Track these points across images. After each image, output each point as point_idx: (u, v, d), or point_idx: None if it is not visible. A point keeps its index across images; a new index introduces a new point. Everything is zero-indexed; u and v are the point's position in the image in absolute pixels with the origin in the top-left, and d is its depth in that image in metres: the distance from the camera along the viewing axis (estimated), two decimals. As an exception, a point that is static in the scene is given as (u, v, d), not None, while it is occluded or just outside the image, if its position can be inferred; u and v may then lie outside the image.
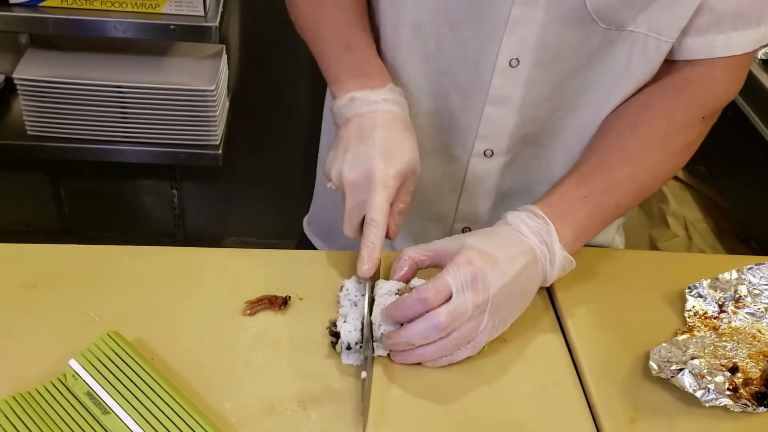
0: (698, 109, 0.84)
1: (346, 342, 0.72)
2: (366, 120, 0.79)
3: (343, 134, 0.80)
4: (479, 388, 0.73)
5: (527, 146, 0.89)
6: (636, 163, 0.83)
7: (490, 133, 0.87)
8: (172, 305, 0.78)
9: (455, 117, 0.87)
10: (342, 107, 0.81)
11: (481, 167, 0.90)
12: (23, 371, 0.69)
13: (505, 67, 0.81)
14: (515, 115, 0.85)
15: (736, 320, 0.80)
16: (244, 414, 0.67)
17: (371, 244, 0.76)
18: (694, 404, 0.71)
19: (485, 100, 0.84)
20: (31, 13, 1.48)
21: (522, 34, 0.79)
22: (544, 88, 0.83)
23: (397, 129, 0.79)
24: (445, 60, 0.84)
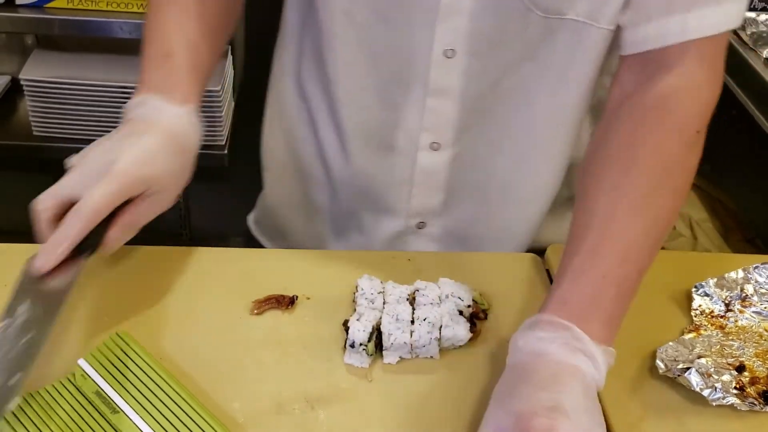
0: (689, 125, 0.76)
1: (352, 340, 0.72)
2: (142, 125, 0.74)
3: (114, 131, 0.74)
4: (486, 388, 0.73)
5: (475, 140, 0.88)
6: (644, 215, 0.71)
7: (434, 125, 0.86)
8: (179, 305, 0.78)
9: (399, 109, 0.86)
10: (133, 105, 0.76)
11: (429, 160, 0.89)
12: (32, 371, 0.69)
13: (441, 57, 0.80)
14: (457, 107, 0.84)
15: (743, 319, 0.81)
16: (252, 413, 0.68)
17: (62, 237, 0.66)
18: (701, 403, 0.71)
19: (425, 92, 0.83)
20: (37, 14, 1.48)
21: (454, 24, 0.77)
22: (483, 78, 0.82)
23: (172, 146, 0.74)
24: (381, 51, 0.82)
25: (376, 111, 0.87)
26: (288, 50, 0.93)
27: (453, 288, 0.78)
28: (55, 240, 0.66)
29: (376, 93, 0.86)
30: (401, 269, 0.84)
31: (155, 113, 0.75)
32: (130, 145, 0.71)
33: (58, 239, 0.65)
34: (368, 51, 0.83)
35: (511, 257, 0.90)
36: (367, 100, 0.87)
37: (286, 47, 0.94)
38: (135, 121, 0.75)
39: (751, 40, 1.44)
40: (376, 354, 0.74)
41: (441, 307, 0.76)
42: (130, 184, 0.69)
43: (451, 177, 0.91)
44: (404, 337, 0.73)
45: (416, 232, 0.96)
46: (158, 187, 0.72)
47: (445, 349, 0.75)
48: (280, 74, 0.96)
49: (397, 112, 0.86)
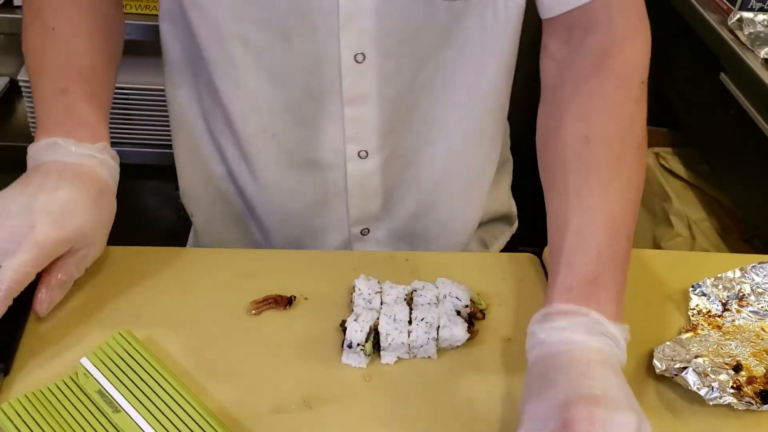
0: (633, 79, 0.75)
1: (349, 340, 0.73)
2: (54, 171, 0.70)
3: (24, 179, 0.70)
4: (484, 387, 0.73)
5: (402, 139, 0.86)
6: (618, 181, 0.72)
7: (357, 134, 0.83)
8: (178, 305, 0.78)
9: (317, 124, 0.83)
10: (38, 149, 0.72)
11: (360, 169, 0.86)
12: (35, 370, 0.70)
13: (352, 64, 0.77)
14: (377, 111, 0.81)
15: (740, 319, 0.81)
16: (250, 413, 0.68)
17: None
18: (698, 402, 0.71)
19: (341, 102, 0.80)
20: (35, 15, 1.48)
21: (359, 26, 0.75)
22: (399, 77, 0.80)
23: (90, 192, 0.70)
24: (286, 70, 0.79)
25: (293, 134, 0.84)
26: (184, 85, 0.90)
27: (451, 288, 0.78)
28: None
29: (288, 115, 0.83)
30: (398, 269, 0.85)
31: (65, 157, 0.70)
32: (46, 202, 0.67)
33: None
34: (271, 72, 0.79)
35: (509, 257, 0.90)
36: (279, 125, 0.83)
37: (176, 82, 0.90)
38: (44, 168, 0.70)
39: (749, 40, 1.45)
40: (374, 354, 0.74)
41: (439, 307, 0.76)
42: (52, 250, 0.67)
43: (385, 180, 0.88)
44: (402, 338, 0.73)
45: (361, 239, 0.94)
46: (84, 242, 0.70)
47: (443, 349, 0.76)
48: (180, 114, 0.93)
49: (316, 129, 0.83)
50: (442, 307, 0.76)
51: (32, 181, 0.69)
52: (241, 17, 0.76)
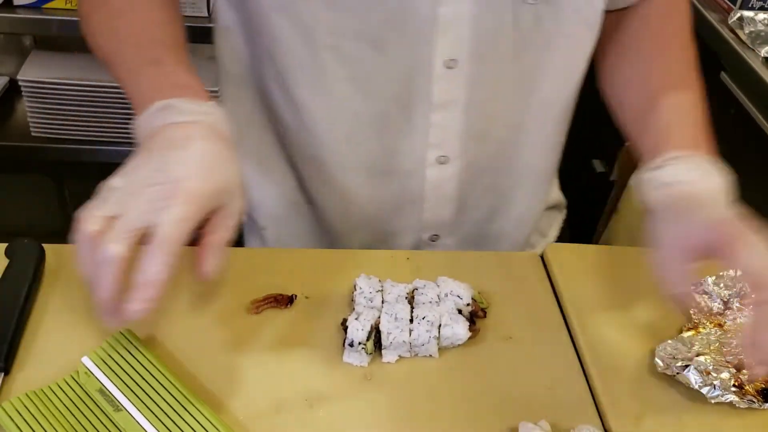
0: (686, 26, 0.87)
1: (350, 339, 0.73)
2: (179, 130, 0.63)
3: (145, 147, 0.63)
4: (485, 385, 0.73)
5: (483, 144, 0.86)
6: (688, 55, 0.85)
7: (440, 140, 0.84)
8: (178, 304, 0.78)
9: (401, 131, 0.83)
10: (149, 117, 0.64)
11: (438, 175, 0.87)
12: (36, 369, 0.70)
13: (443, 70, 0.78)
14: (463, 117, 0.82)
15: (742, 317, 0.81)
16: (251, 412, 0.68)
17: (152, 273, 0.56)
18: (700, 401, 0.71)
19: (429, 109, 0.81)
20: (35, 14, 1.48)
21: (455, 33, 0.75)
22: (486, 82, 0.80)
23: (221, 145, 0.64)
24: (376, 79, 0.79)
25: (376, 142, 0.84)
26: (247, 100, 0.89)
27: (452, 286, 0.78)
28: (146, 281, 0.56)
29: (374, 124, 0.83)
30: (400, 268, 0.85)
31: (188, 116, 0.64)
32: (183, 158, 0.60)
33: (148, 279, 0.56)
34: (361, 83, 0.79)
35: (510, 256, 0.90)
36: (364, 133, 0.83)
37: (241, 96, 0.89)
38: (165, 131, 0.63)
39: (749, 39, 1.44)
40: (375, 353, 0.74)
41: (440, 305, 0.76)
42: (205, 202, 0.59)
43: (461, 186, 0.89)
44: (403, 336, 0.73)
45: (430, 245, 0.95)
46: (229, 195, 0.62)
47: (444, 347, 0.76)
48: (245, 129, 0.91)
49: (400, 136, 0.83)
50: (444, 305, 0.76)
51: (157, 145, 0.62)
52: (336, 29, 0.75)
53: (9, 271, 0.76)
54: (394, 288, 0.78)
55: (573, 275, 0.86)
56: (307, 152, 0.87)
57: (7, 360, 0.69)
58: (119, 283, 0.56)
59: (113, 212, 0.57)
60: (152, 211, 0.57)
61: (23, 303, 0.73)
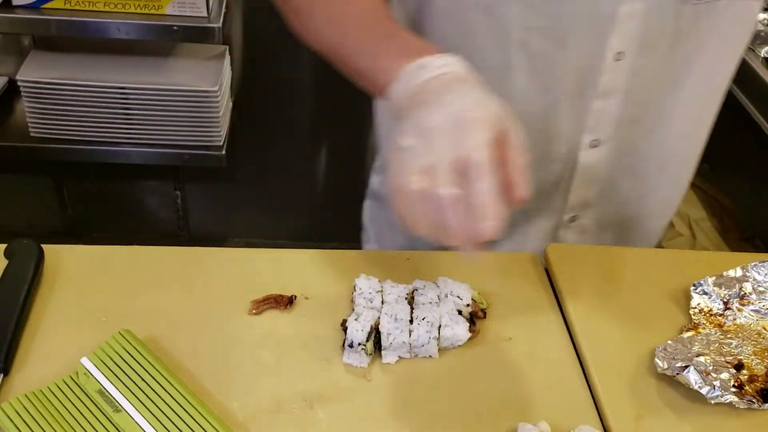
0: None
1: (350, 339, 0.73)
2: (438, 82, 0.65)
3: (412, 106, 0.64)
4: (485, 386, 0.73)
5: (634, 130, 0.90)
6: None
7: (596, 125, 0.88)
8: (178, 305, 0.78)
9: (562, 117, 0.88)
10: (405, 80, 0.66)
11: (589, 158, 0.91)
12: (35, 370, 0.70)
13: (611, 62, 0.83)
14: (621, 104, 0.86)
15: (741, 317, 0.81)
16: (251, 412, 0.68)
17: (487, 191, 0.57)
18: (699, 401, 0.71)
19: (593, 97, 0.85)
20: (34, 15, 1.48)
21: (627, 29, 0.80)
22: (645, 73, 0.84)
23: (476, 86, 0.65)
24: (554, 72, 0.84)
25: (541, 130, 0.88)
26: None
27: (452, 287, 0.78)
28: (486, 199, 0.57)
29: (544, 113, 0.87)
30: (399, 268, 0.85)
31: (445, 68, 0.65)
32: (456, 98, 0.62)
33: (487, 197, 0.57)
34: (540, 76, 0.84)
35: (510, 256, 0.90)
36: (534, 123, 0.86)
37: None
38: (430, 83, 0.64)
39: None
40: (375, 353, 0.74)
41: (440, 306, 0.76)
42: (493, 128, 0.60)
43: (608, 169, 0.93)
44: (403, 337, 0.73)
45: (568, 226, 0.98)
46: (507, 124, 0.62)
47: (444, 348, 0.75)
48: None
49: (562, 122, 0.88)
50: (444, 306, 0.76)
51: (425, 98, 0.63)
52: (527, 25, 0.80)
53: (8, 271, 0.76)
54: (394, 289, 0.78)
55: (573, 275, 0.86)
56: None
57: (6, 361, 0.69)
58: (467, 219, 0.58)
59: (426, 164, 0.59)
60: (456, 146, 0.58)
61: (22, 303, 0.73)
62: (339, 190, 2.17)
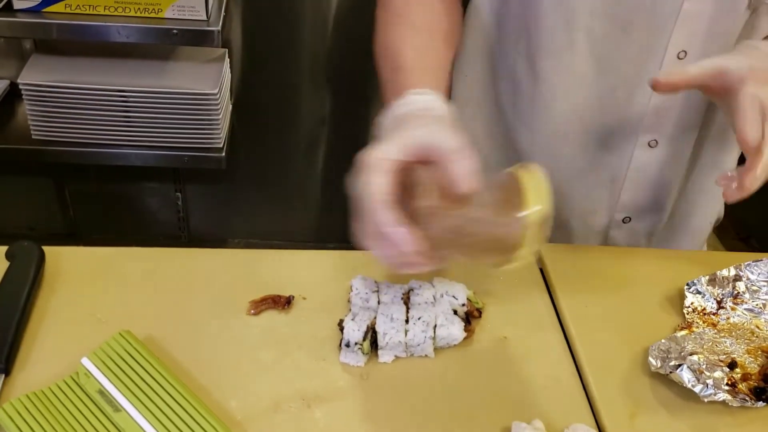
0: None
1: (347, 339, 0.73)
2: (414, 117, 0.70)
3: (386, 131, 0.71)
4: (481, 385, 0.74)
5: (690, 135, 0.91)
6: None
7: (655, 124, 0.89)
8: (177, 305, 0.79)
9: (620, 110, 0.89)
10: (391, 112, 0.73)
11: (645, 158, 0.92)
12: (36, 370, 0.70)
13: (673, 60, 0.83)
14: (680, 106, 0.87)
15: (735, 316, 0.81)
16: (249, 411, 0.69)
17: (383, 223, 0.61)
18: (693, 399, 0.72)
19: (651, 93, 0.86)
20: (35, 18, 1.49)
21: (691, 28, 0.81)
22: None
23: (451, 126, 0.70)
24: (614, 59, 0.85)
25: (599, 117, 0.89)
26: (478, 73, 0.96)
27: (447, 287, 0.79)
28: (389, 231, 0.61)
29: (603, 99, 0.88)
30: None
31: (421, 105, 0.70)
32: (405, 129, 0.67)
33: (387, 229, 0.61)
34: (601, 60, 0.86)
35: (506, 257, 0.91)
36: (590, 107, 0.89)
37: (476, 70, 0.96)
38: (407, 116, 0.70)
39: (744, 41, 1.45)
40: (372, 353, 0.75)
41: (436, 306, 0.77)
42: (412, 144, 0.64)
43: (663, 172, 0.93)
44: (399, 337, 0.74)
45: (620, 227, 0.99)
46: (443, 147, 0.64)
47: (440, 347, 0.76)
48: (465, 100, 0.98)
49: (620, 114, 0.89)
50: (439, 306, 0.77)
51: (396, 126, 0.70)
52: (593, 10, 0.82)
53: (9, 273, 0.77)
54: (390, 289, 0.78)
55: (567, 275, 0.86)
56: (535, 122, 0.93)
57: (7, 361, 0.70)
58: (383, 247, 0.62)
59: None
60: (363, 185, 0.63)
61: (23, 305, 0.74)
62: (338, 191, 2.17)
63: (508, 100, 0.94)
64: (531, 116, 0.92)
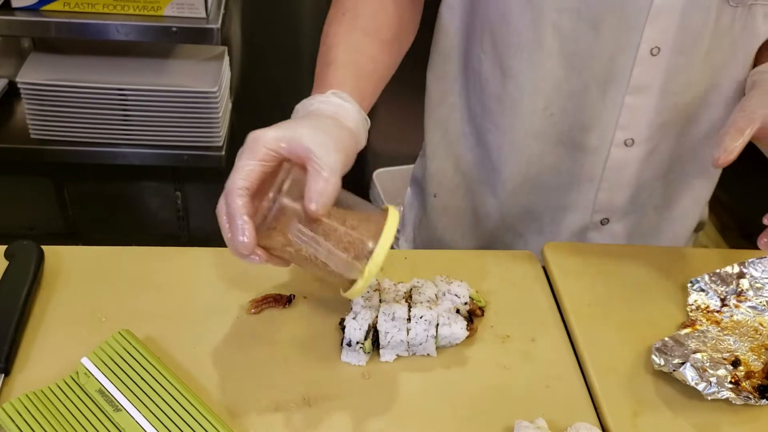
0: None
1: (348, 338, 0.73)
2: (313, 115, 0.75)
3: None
4: (483, 384, 0.73)
5: (668, 134, 0.91)
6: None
7: (630, 123, 0.88)
8: (178, 305, 0.78)
9: (594, 108, 0.88)
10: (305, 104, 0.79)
11: (621, 157, 0.91)
12: (35, 370, 0.70)
13: (646, 56, 0.83)
14: (655, 103, 0.87)
15: (738, 314, 0.81)
16: (250, 410, 0.68)
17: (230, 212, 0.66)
18: (696, 397, 0.72)
19: (625, 90, 0.85)
20: (33, 17, 1.49)
21: (664, 23, 0.81)
22: (682, 73, 0.85)
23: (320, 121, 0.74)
24: (585, 57, 0.84)
25: (570, 115, 0.89)
26: (450, 73, 0.95)
27: (449, 285, 0.78)
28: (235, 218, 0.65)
29: (573, 97, 0.87)
30: (397, 267, 0.85)
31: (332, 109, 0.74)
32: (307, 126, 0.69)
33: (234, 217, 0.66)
34: (570, 58, 0.85)
35: (507, 255, 0.91)
36: (561, 105, 0.88)
37: (447, 70, 0.96)
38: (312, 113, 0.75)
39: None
40: (373, 352, 0.74)
41: (438, 305, 0.76)
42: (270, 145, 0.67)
43: (640, 172, 0.93)
44: (401, 335, 0.73)
45: (599, 229, 0.98)
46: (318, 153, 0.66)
47: (442, 346, 0.76)
48: (439, 100, 0.98)
49: (593, 112, 0.88)
50: (441, 304, 0.77)
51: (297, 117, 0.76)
52: (560, 6, 0.82)
53: (9, 272, 0.77)
54: (392, 287, 0.78)
55: (570, 273, 0.86)
56: (504, 120, 0.92)
57: (7, 361, 0.69)
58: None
59: None
60: None
61: (23, 304, 0.74)
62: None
63: (477, 99, 0.93)
64: (500, 116, 0.91)
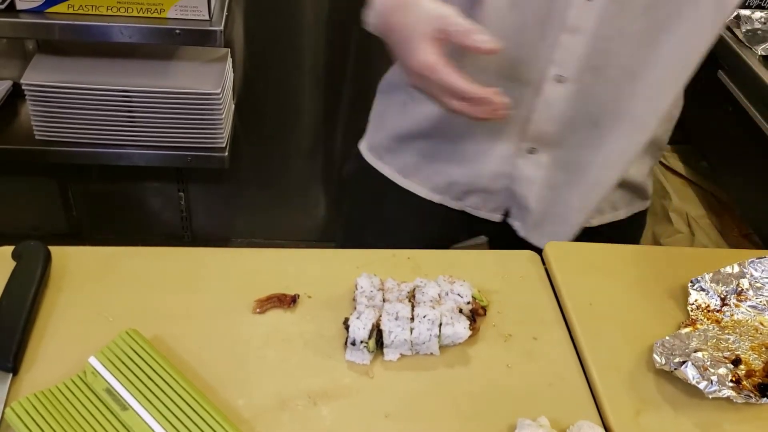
0: None
1: (352, 337, 0.74)
2: None
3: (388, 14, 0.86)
4: (486, 382, 0.74)
5: (598, 76, 0.93)
6: None
7: (562, 59, 0.91)
8: (183, 305, 0.79)
9: (531, 45, 0.91)
10: None
11: (553, 92, 0.94)
12: (43, 369, 0.71)
13: (581, 0, 0.86)
14: (587, 44, 0.89)
15: (739, 313, 0.82)
16: (256, 409, 0.69)
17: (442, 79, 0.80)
18: (697, 396, 0.72)
19: (561, 30, 0.88)
20: (37, 19, 1.49)
21: None
22: (616, 20, 0.87)
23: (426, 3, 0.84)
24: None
25: (512, 50, 0.92)
26: None
27: (452, 285, 0.79)
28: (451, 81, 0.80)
29: (514, 33, 0.90)
30: (400, 267, 0.86)
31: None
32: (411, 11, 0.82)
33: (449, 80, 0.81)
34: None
35: (509, 255, 0.91)
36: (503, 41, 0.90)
37: None
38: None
39: (746, 38, 1.45)
40: (377, 351, 0.75)
41: (441, 304, 0.77)
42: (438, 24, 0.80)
43: (569, 109, 0.95)
44: (404, 335, 0.74)
45: (525, 157, 1.00)
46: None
47: (445, 346, 0.76)
48: None
49: (530, 47, 0.91)
50: (444, 304, 0.77)
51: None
52: None
53: (16, 272, 0.77)
54: (395, 287, 0.79)
55: (571, 273, 0.87)
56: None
57: (15, 361, 0.70)
58: None
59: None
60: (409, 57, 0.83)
61: (30, 304, 0.74)
62: (341, 190, 2.17)
63: None
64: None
